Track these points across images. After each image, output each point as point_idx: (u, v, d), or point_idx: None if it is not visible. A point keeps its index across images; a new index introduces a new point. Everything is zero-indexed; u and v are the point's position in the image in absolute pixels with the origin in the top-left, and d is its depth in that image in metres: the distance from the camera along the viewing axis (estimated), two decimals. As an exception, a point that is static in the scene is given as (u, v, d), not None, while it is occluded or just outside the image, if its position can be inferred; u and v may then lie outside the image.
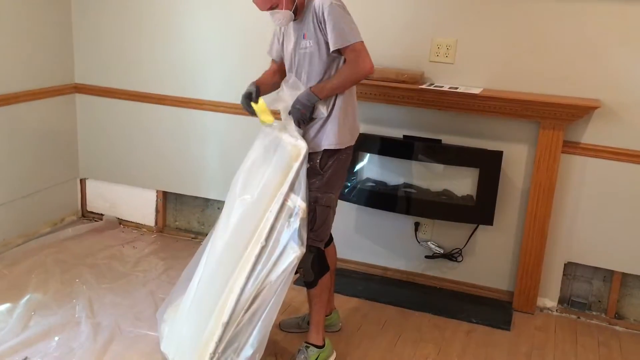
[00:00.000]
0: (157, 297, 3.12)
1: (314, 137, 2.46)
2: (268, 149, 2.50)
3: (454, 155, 3.17)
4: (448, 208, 3.20)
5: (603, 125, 2.96)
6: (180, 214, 3.94)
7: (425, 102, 3.09)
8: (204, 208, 3.87)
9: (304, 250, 2.36)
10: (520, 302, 3.20)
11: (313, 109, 2.41)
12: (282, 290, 2.36)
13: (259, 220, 2.39)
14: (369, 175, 3.35)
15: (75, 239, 3.72)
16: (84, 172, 4.01)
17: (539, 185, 3.04)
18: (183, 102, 3.64)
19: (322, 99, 2.40)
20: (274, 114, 2.54)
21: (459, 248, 3.29)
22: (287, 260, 2.35)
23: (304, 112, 2.39)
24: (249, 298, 2.36)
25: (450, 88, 3.04)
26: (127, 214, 4.00)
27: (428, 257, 3.35)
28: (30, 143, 3.62)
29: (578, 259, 3.15)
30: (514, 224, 3.19)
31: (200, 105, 3.61)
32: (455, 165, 3.20)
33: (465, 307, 3.19)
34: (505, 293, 3.28)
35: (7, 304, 2.94)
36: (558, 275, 3.19)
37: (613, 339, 3.01)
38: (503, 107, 2.99)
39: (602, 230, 3.06)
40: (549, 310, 3.23)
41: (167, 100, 3.68)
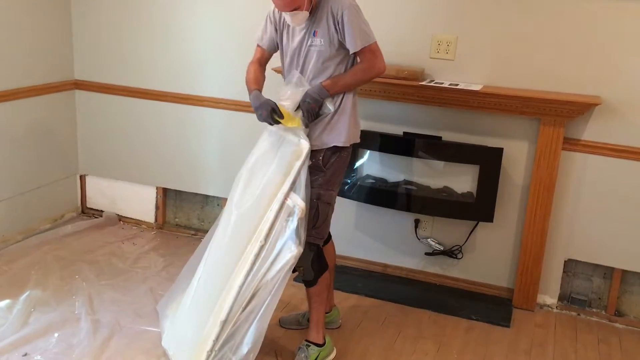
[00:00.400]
0: (156, 293, 3.11)
1: (320, 134, 2.46)
2: (272, 148, 2.51)
3: (454, 152, 3.16)
4: (448, 205, 3.20)
5: (604, 122, 2.95)
6: (180, 211, 3.94)
7: (426, 98, 3.09)
8: (204, 205, 3.86)
9: (301, 250, 2.36)
10: (520, 299, 3.20)
11: (322, 104, 2.41)
12: (278, 290, 2.36)
13: (260, 219, 2.39)
14: (369, 172, 3.35)
15: (75, 236, 3.72)
16: (84, 168, 4.01)
17: (539, 182, 3.04)
18: (183, 98, 3.64)
19: (331, 95, 2.41)
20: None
21: (459, 245, 3.28)
22: (283, 260, 2.35)
23: (314, 106, 2.40)
24: (247, 296, 2.36)
25: (451, 85, 3.04)
26: (126, 211, 3.99)
27: (428, 254, 3.35)
28: (30, 139, 3.62)
29: (578, 256, 3.15)
30: (514, 221, 3.18)
31: (200, 102, 3.61)
32: (456, 162, 3.20)
33: (465, 304, 3.18)
34: (505, 290, 3.27)
35: (6, 301, 2.94)
36: (558, 272, 3.19)
37: (613, 336, 3.01)
38: (503, 103, 2.98)
39: (602, 227, 3.06)
40: (549, 308, 3.23)
41: (167, 97, 3.67)
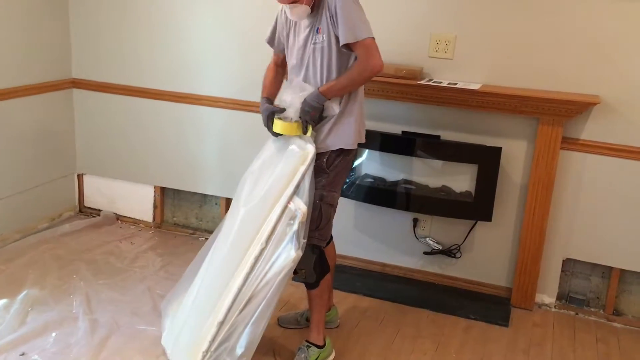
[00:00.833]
0: (154, 293, 3.11)
1: (326, 136, 2.44)
2: (278, 150, 2.50)
3: (453, 151, 3.16)
4: (447, 204, 3.20)
5: (602, 122, 2.95)
6: (178, 210, 3.94)
7: (424, 97, 3.08)
8: (202, 204, 3.86)
9: (300, 254, 2.35)
10: (519, 298, 3.20)
11: (323, 109, 2.39)
12: (275, 293, 2.34)
13: (262, 222, 2.39)
14: (368, 171, 3.35)
15: (73, 235, 3.71)
16: (82, 167, 4.00)
17: (538, 182, 3.04)
18: (181, 97, 3.63)
19: (330, 99, 2.38)
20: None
21: (458, 244, 3.28)
22: (282, 263, 2.34)
23: (314, 114, 2.38)
24: (245, 299, 2.35)
25: (449, 84, 3.04)
26: (124, 210, 3.99)
27: (426, 253, 3.35)
28: (28, 138, 3.61)
29: (576, 255, 3.15)
30: (513, 220, 3.18)
31: (198, 101, 3.60)
32: (454, 161, 3.19)
33: (464, 303, 3.18)
34: (504, 289, 3.27)
35: (4, 300, 2.93)
36: (556, 272, 3.19)
37: (611, 336, 3.01)
38: (502, 102, 2.98)
39: (600, 227, 3.06)
40: (547, 307, 3.23)
41: (165, 96, 3.66)
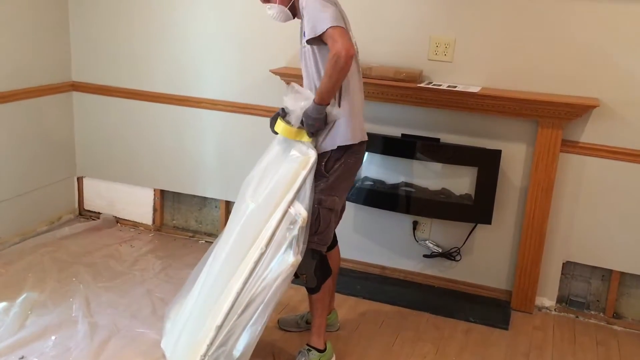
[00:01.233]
0: (154, 296, 3.10)
1: (324, 139, 2.42)
2: (280, 155, 2.49)
3: (453, 154, 3.16)
4: (446, 207, 3.19)
5: (602, 124, 2.95)
6: (178, 213, 3.93)
7: (424, 100, 3.08)
8: (202, 207, 3.86)
9: (300, 259, 2.34)
10: (519, 301, 3.20)
11: (326, 116, 2.35)
12: (272, 298, 2.33)
13: (262, 226, 2.38)
14: (367, 174, 3.34)
15: (73, 238, 3.71)
16: (81, 170, 4.00)
17: (538, 184, 3.04)
18: (181, 100, 3.63)
19: (328, 104, 2.34)
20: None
21: (457, 247, 3.28)
22: (280, 269, 2.33)
23: (318, 125, 2.35)
24: (244, 303, 2.34)
25: (449, 86, 3.04)
26: (124, 213, 3.98)
27: (426, 256, 3.34)
28: (28, 141, 3.61)
29: (576, 258, 3.14)
30: (513, 223, 3.18)
31: (198, 104, 3.60)
32: (454, 164, 3.19)
33: (464, 306, 3.18)
34: (504, 292, 3.27)
35: (3, 303, 2.93)
36: (556, 275, 3.18)
37: (611, 338, 3.01)
38: (501, 105, 2.98)
39: (600, 230, 3.06)
40: (547, 310, 3.23)
41: (164, 99, 3.66)
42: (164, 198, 3.91)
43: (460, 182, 3.20)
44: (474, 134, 3.13)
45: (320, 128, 2.37)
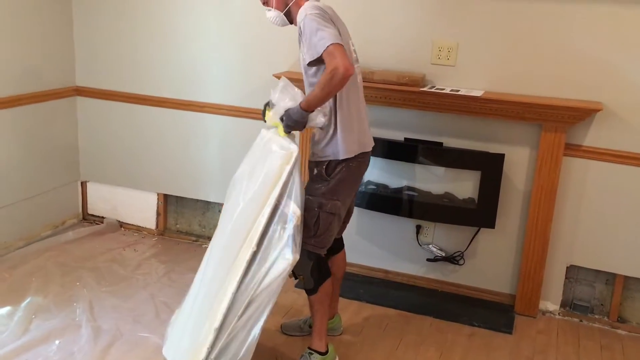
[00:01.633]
0: (157, 300, 3.11)
1: (325, 146, 2.43)
2: (263, 152, 2.47)
3: (456, 158, 3.16)
4: (450, 211, 3.19)
5: (605, 128, 2.95)
6: (181, 217, 3.94)
7: (427, 104, 3.08)
8: (205, 211, 3.86)
9: (297, 258, 2.33)
10: (522, 305, 3.19)
11: (306, 122, 2.35)
12: (271, 299, 2.32)
13: (251, 225, 2.36)
14: (371, 178, 3.34)
15: (76, 242, 3.72)
16: (85, 174, 4.01)
17: (541, 188, 3.04)
18: (184, 104, 3.64)
19: (312, 111, 2.34)
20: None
21: (461, 251, 3.28)
22: (279, 268, 2.31)
23: (297, 128, 2.38)
24: (243, 304, 2.32)
25: (452, 90, 3.04)
26: (128, 217, 3.99)
27: (430, 260, 3.34)
28: (32, 146, 3.62)
29: (580, 262, 3.14)
30: (516, 227, 3.18)
31: (201, 108, 3.61)
32: (457, 168, 3.19)
33: (467, 310, 3.17)
34: (507, 296, 3.26)
35: (7, 307, 2.94)
36: (560, 279, 3.18)
37: (616, 343, 3.00)
38: (504, 109, 2.98)
39: (604, 233, 3.05)
40: (551, 314, 3.22)
41: (168, 103, 3.68)
42: (168, 202, 3.92)
43: (464, 186, 3.20)
44: (477, 138, 3.13)
45: (298, 130, 2.40)
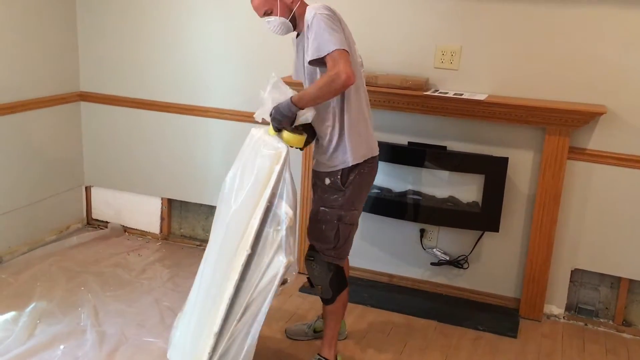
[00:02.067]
0: (162, 305, 3.11)
1: (330, 154, 2.41)
2: (252, 153, 2.45)
3: (460, 162, 3.16)
4: (454, 215, 3.19)
5: (609, 131, 2.95)
6: (185, 221, 3.94)
7: (430, 108, 3.09)
8: (209, 215, 3.86)
9: (291, 260, 2.28)
10: (527, 309, 3.18)
11: (295, 118, 2.31)
12: (267, 301, 2.29)
13: (245, 227, 2.33)
14: (375, 182, 3.31)
15: (81, 247, 3.73)
16: (89, 179, 4.02)
17: (545, 192, 3.03)
18: (188, 109, 3.65)
19: (302, 108, 2.29)
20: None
21: (465, 255, 3.27)
22: (273, 271, 2.28)
23: (285, 123, 2.32)
24: (241, 307, 2.31)
25: (455, 94, 3.04)
26: (132, 222, 4.00)
27: (434, 264, 3.34)
28: (36, 151, 3.63)
29: (585, 266, 3.13)
30: (520, 231, 3.17)
31: (205, 113, 3.62)
32: (461, 172, 3.19)
33: (472, 314, 3.17)
34: (512, 300, 3.26)
35: (12, 312, 2.94)
36: (565, 282, 3.17)
37: (621, 346, 2.99)
38: (508, 113, 2.98)
39: (608, 237, 3.05)
40: (556, 318, 3.21)
41: (171, 108, 3.68)
42: (172, 207, 3.93)
43: (468, 189, 3.20)
44: (481, 142, 3.13)
45: (285, 126, 2.33)
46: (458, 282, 3.34)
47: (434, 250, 3.32)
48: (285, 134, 2.36)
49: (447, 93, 3.06)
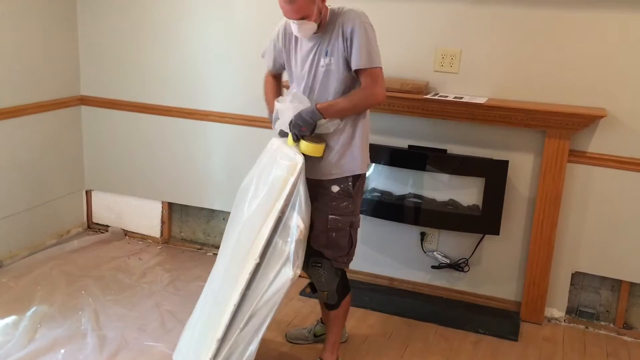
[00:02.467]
0: (162, 308, 3.11)
1: (338, 161, 2.41)
2: (269, 162, 2.45)
3: (460, 165, 3.16)
4: (454, 218, 3.19)
5: (609, 134, 2.95)
6: (186, 225, 3.94)
7: (430, 111, 3.09)
8: (210, 219, 3.87)
9: (298, 274, 2.27)
10: (528, 312, 3.18)
11: (315, 126, 2.32)
12: (270, 314, 2.29)
13: (255, 236, 2.33)
14: (375, 186, 3.35)
15: (81, 251, 3.73)
16: (90, 183, 4.02)
17: (545, 195, 3.03)
18: (188, 113, 3.65)
19: (326, 118, 2.32)
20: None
21: (466, 258, 3.27)
22: (279, 283, 2.27)
23: (305, 129, 2.31)
24: (244, 316, 2.30)
25: (455, 98, 3.04)
26: (132, 226, 4.00)
27: (434, 267, 3.34)
28: (37, 155, 3.64)
29: (585, 269, 3.13)
30: (521, 234, 3.17)
31: (206, 117, 3.62)
32: (461, 175, 3.19)
33: (473, 317, 3.17)
34: (513, 303, 3.26)
35: (13, 317, 2.94)
36: (565, 285, 3.17)
37: (622, 349, 2.99)
38: (508, 116, 2.98)
39: (609, 240, 3.05)
40: (557, 321, 3.21)
41: (172, 112, 3.69)
42: (172, 210, 3.93)
43: (468, 193, 3.20)
44: (481, 145, 3.13)
45: (303, 134, 2.33)
46: (459, 285, 3.34)
47: (435, 254, 3.32)
48: (303, 144, 2.34)
49: (447, 96, 3.06)
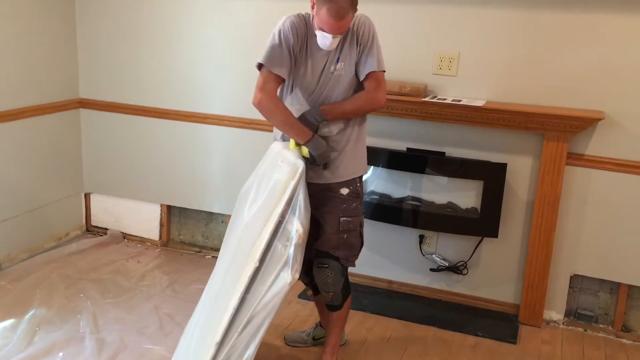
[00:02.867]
0: (161, 312, 3.11)
1: (347, 163, 2.43)
2: (270, 166, 2.47)
3: (458, 168, 3.16)
4: (452, 220, 3.19)
5: (607, 137, 2.95)
6: (185, 228, 3.94)
7: (429, 114, 3.09)
8: (208, 222, 3.87)
9: (296, 278, 2.27)
10: (527, 315, 3.18)
11: (318, 127, 2.35)
12: (268, 318, 2.28)
13: (255, 239, 2.32)
14: (373, 188, 3.35)
15: (80, 254, 3.72)
16: (89, 186, 4.02)
17: (544, 197, 3.04)
18: (187, 116, 3.66)
19: (329, 120, 2.35)
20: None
21: (464, 261, 3.27)
22: (277, 287, 2.26)
23: (308, 128, 2.33)
24: (243, 320, 2.29)
25: (454, 100, 3.05)
26: (131, 228, 4.00)
27: (433, 270, 3.34)
28: (35, 158, 3.64)
29: (584, 271, 3.13)
30: (519, 236, 3.18)
31: (204, 119, 3.62)
32: (460, 178, 3.20)
33: (471, 320, 3.17)
34: (511, 306, 3.26)
35: (11, 320, 2.94)
36: (564, 288, 3.17)
37: (620, 352, 2.99)
38: (507, 119, 2.99)
39: (607, 242, 3.05)
40: (556, 323, 3.21)
41: (171, 115, 3.69)
42: (171, 213, 3.93)
43: (466, 195, 3.20)
44: (479, 148, 3.13)
45: (306, 137, 2.33)
46: (457, 288, 3.34)
47: (433, 256, 3.32)
48: (305, 148, 2.36)
49: (445, 99, 3.07)
